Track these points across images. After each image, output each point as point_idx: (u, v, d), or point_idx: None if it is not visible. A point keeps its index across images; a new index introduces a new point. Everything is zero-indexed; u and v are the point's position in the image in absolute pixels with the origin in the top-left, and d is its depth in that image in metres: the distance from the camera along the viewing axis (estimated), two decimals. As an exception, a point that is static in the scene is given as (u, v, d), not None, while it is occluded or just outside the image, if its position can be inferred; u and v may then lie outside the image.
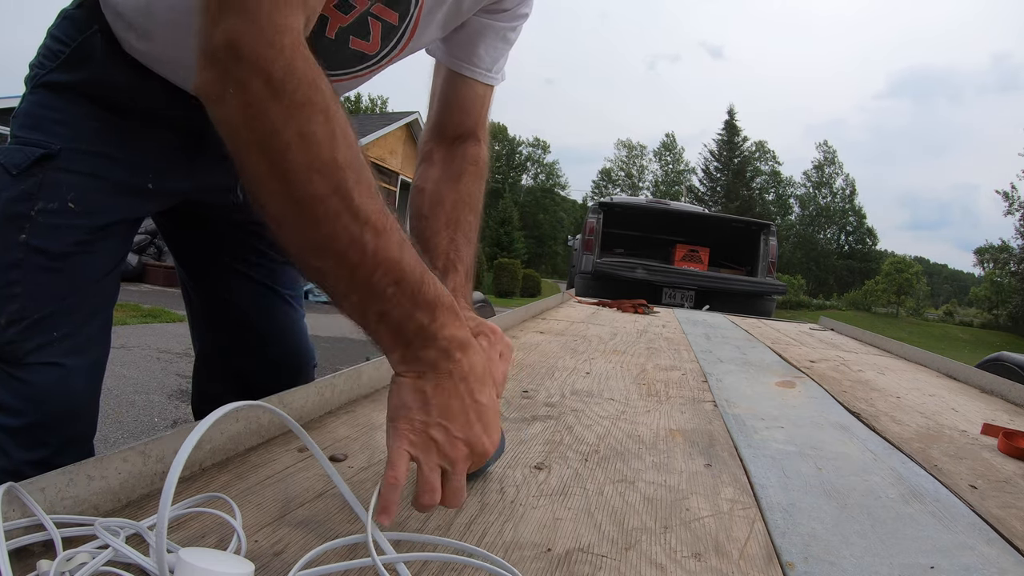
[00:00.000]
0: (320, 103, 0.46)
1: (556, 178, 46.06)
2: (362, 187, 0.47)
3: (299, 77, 0.45)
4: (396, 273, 0.47)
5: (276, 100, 0.44)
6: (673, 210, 6.95)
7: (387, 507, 0.45)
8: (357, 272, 0.47)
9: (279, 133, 0.44)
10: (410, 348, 0.49)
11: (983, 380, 1.59)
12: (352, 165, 0.46)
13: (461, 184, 0.81)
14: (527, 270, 20.13)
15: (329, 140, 0.45)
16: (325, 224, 0.45)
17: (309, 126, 0.45)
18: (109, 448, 0.98)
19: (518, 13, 0.86)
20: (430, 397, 0.49)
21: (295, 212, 0.46)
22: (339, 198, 0.45)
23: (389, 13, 0.73)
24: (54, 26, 0.79)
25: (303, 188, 0.45)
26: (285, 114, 0.44)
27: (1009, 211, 31.13)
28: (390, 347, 0.50)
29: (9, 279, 0.71)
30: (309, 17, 0.52)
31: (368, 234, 0.46)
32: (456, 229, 0.77)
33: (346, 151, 0.46)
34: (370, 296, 0.47)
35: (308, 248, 0.47)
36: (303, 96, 0.45)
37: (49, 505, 0.44)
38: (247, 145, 0.46)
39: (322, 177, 0.45)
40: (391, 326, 0.49)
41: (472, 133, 0.86)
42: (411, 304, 0.48)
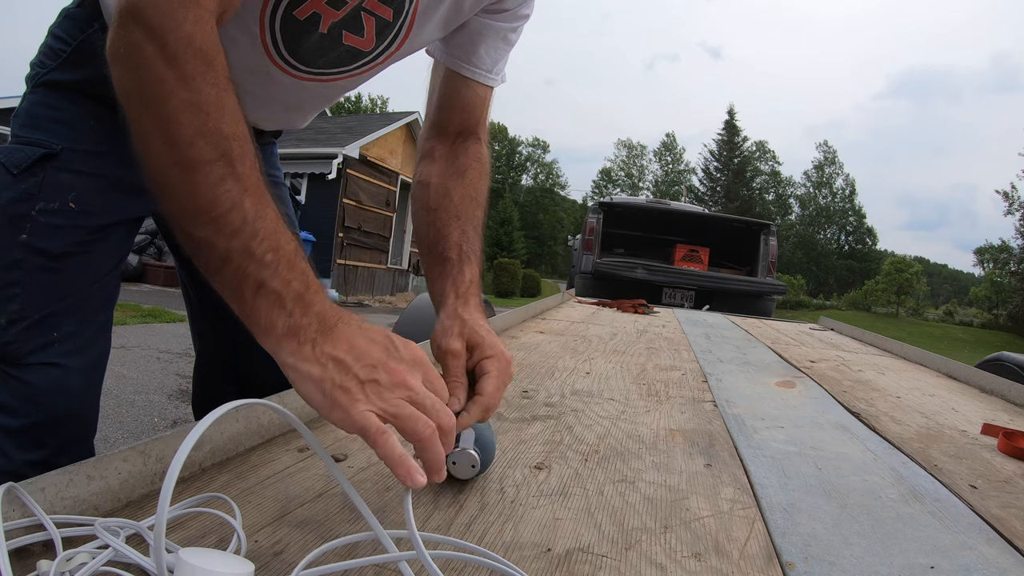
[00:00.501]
0: (211, 78, 0.47)
1: (556, 178, 46.07)
2: (246, 159, 0.48)
3: (195, 50, 0.47)
4: (273, 241, 0.48)
5: (169, 67, 0.46)
6: (673, 210, 6.94)
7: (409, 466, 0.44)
8: (236, 238, 0.47)
9: (169, 98, 0.46)
10: (291, 317, 0.48)
11: (983, 380, 1.59)
12: (238, 138, 0.48)
13: (467, 179, 0.81)
14: (527, 270, 20.14)
15: (217, 111, 0.47)
16: (207, 188, 0.46)
17: (199, 96, 0.46)
18: (109, 448, 0.98)
19: (519, 14, 0.85)
20: (333, 353, 0.47)
21: (179, 175, 0.46)
22: (224, 163, 0.46)
23: (383, 8, 0.73)
24: (55, 25, 0.79)
25: (187, 151, 0.46)
26: (176, 82, 0.46)
27: (1009, 211, 31.16)
28: (269, 322, 0.48)
29: (9, 279, 0.71)
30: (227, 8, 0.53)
31: (248, 201, 0.47)
32: (466, 222, 0.76)
33: (233, 125, 0.48)
34: (248, 263, 0.47)
35: (189, 214, 0.47)
36: (195, 69, 0.46)
37: (49, 505, 0.44)
38: (136, 105, 0.47)
39: (207, 143, 0.46)
40: (269, 296, 0.47)
41: (473, 132, 0.86)
42: (288, 271, 0.48)
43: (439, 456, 0.47)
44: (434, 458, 0.47)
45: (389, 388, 0.47)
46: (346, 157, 11.27)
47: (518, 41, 0.89)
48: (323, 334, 0.48)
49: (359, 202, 12.00)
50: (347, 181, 11.52)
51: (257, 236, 0.47)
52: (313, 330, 0.48)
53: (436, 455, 0.47)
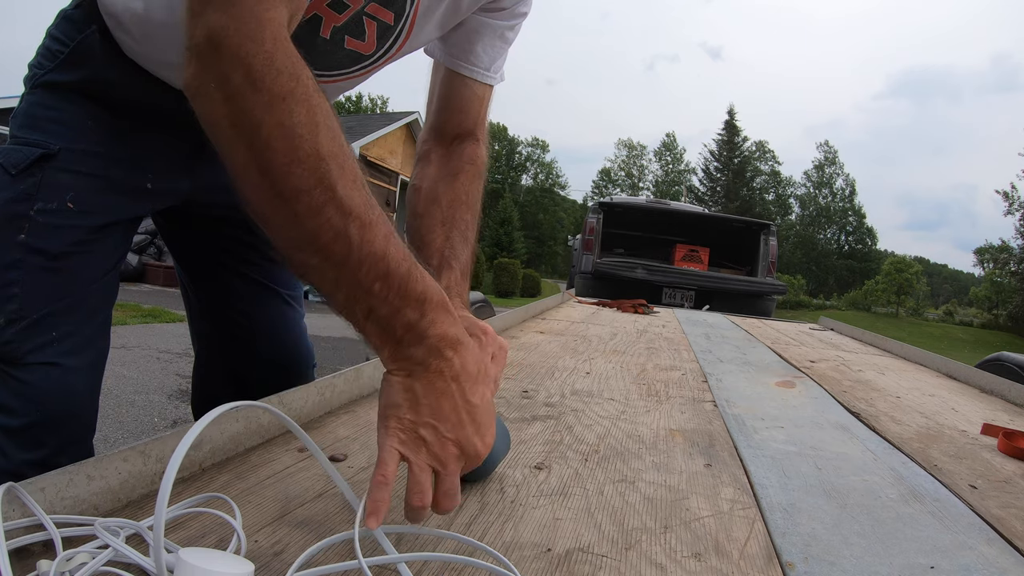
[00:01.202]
0: (301, 95, 0.45)
1: (556, 178, 46.08)
2: (346, 179, 0.46)
3: (278, 69, 0.45)
4: (382, 268, 0.47)
5: (256, 92, 0.44)
6: (673, 210, 6.94)
7: (377, 508, 0.44)
8: (343, 267, 0.46)
9: (259, 126, 0.44)
10: (400, 346, 0.48)
11: (983, 380, 1.59)
12: (336, 157, 0.46)
13: (458, 182, 0.80)
14: (527, 270, 20.14)
15: (311, 131, 0.45)
16: (309, 218, 0.45)
17: (290, 118, 0.44)
18: (109, 448, 0.98)
19: (517, 12, 0.85)
20: (420, 396, 0.48)
21: (279, 206, 0.45)
22: (322, 190, 0.45)
23: (384, 12, 0.73)
24: (53, 26, 0.79)
25: (285, 181, 0.44)
26: (265, 106, 0.44)
27: (1009, 211, 31.16)
28: (379, 344, 0.49)
29: (8, 279, 0.71)
30: (294, 13, 0.52)
31: (353, 227, 0.46)
32: (452, 227, 0.76)
33: (329, 143, 0.46)
34: (357, 292, 0.47)
35: (294, 243, 0.47)
36: (283, 88, 0.45)
37: (49, 505, 0.44)
38: (229, 140, 0.46)
39: (304, 169, 0.44)
40: (379, 323, 0.48)
41: (471, 133, 0.86)
42: (399, 300, 0.47)
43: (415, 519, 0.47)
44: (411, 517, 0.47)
45: (429, 454, 0.47)
46: (346, 157, 11.26)
47: (516, 40, 0.89)
48: (425, 370, 0.48)
49: (359, 202, 11.98)
50: (347, 181, 11.50)
51: (364, 265, 0.46)
52: (415, 362, 0.48)
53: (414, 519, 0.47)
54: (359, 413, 0.81)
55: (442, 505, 0.48)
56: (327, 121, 0.47)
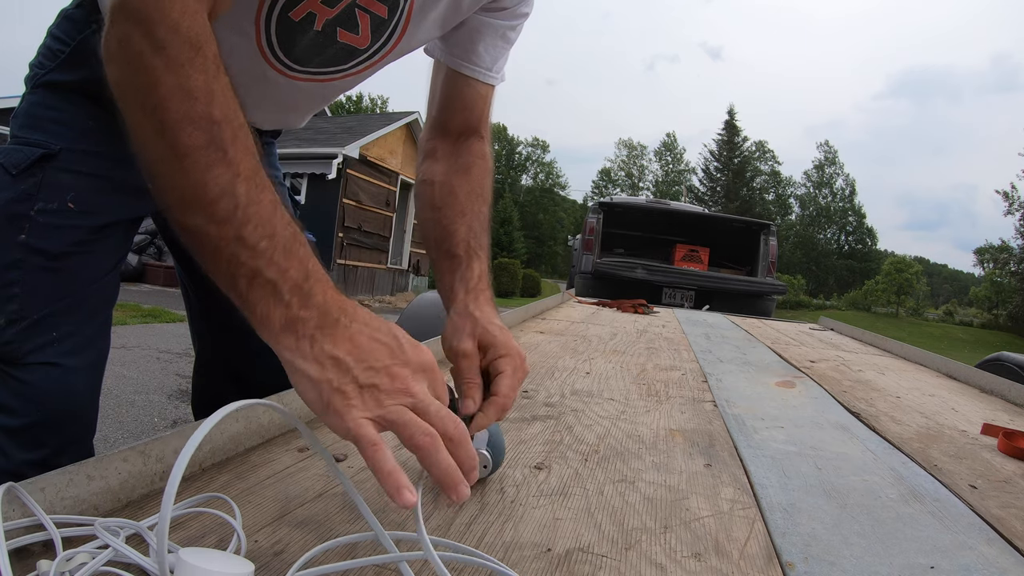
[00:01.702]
0: (199, 64, 0.47)
1: (556, 178, 46.06)
2: (239, 144, 0.47)
3: (183, 36, 0.47)
4: (268, 228, 0.46)
5: (156, 55, 0.46)
6: (673, 210, 6.95)
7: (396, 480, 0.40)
8: (228, 224, 0.45)
9: (157, 86, 0.46)
10: (289, 308, 0.45)
11: (983, 380, 1.59)
12: (229, 122, 0.47)
13: (472, 176, 0.80)
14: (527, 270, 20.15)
15: (206, 96, 0.46)
16: (196, 173, 0.45)
17: (188, 82, 0.46)
18: (109, 448, 0.98)
19: (518, 12, 0.85)
20: (335, 353, 0.44)
21: (169, 163, 0.46)
22: (214, 149, 0.46)
23: (377, 5, 0.73)
24: (54, 26, 0.79)
25: (176, 137, 0.45)
26: (164, 69, 0.46)
27: (1009, 211, 31.16)
28: (266, 313, 0.46)
29: (8, 279, 0.71)
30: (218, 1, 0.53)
31: (240, 186, 0.46)
32: (473, 218, 0.75)
33: (224, 109, 0.47)
34: (241, 252, 0.45)
35: (181, 203, 0.47)
36: (183, 55, 0.46)
37: (49, 505, 0.44)
38: (128, 97, 0.47)
39: (196, 128, 0.46)
40: (264, 286, 0.45)
41: (475, 130, 0.85)
42: (284, 259, 0.46)
43: (444, 465, 0.43)
44: (438, 468, 0.43)
45: (389, 394, 0.44)
46: (346, 157, 11.27)
47: (518, 40, 0.89)
48: (323, 329, 0.45)
49: (359, 202, 11.99)
50: (347, 181, 11.51)
51: (250, 223, 0.46)
52: (312, 324, 0.45)
53: (440, 464, 0.43)
54: (359, 413, 0.81)
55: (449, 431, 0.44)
56: (225, 92, 0.48)
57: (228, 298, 0.48)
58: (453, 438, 0.44)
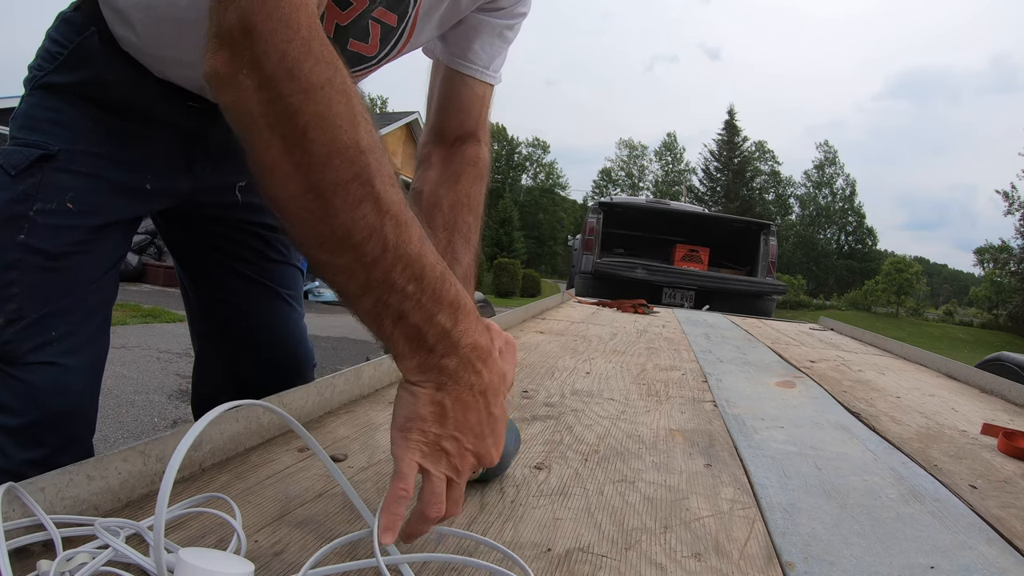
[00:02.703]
0: (339, 84, 0.43)
1: (556, 178, 46.08)
2: (384, 175, 0.44)
3: (316, 56, 0.43)
4: (417, 269, 0.44)
5: (292, 80, 0.41)
6: (673, 210, 6.95)
7: (393, 523, 0.43)
8: (376, 267, 0.43)
9: (296, 114, 0.41)
10: (432, 354, 0.45)
11: (983, 380, 1.59)
12: (374, 151, 0.43)
13: (459, 185, 0.80)
14: (527, 270, 20.15)
15: (350, 122, 0.43)
16: (344, 213, 0.42)
17: (329, 108, 0.42)
18: (109, 448, 0.98)
19: (515, 12, 0.85)
20: (448, 409, 0.45)
21: (312, 200, 0.42)
22: (360, 184, 0.42)
23: (389, 16, 0.73)
24: (52, 28, 0.79)
25: (322, 173, 0.42)
26: (303, 94, 0.42)
27: (1009, 211, 31.17)
28: (407, 353, 0.46)
29: (7, 279, 0.71)
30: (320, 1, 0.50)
31: (389, 225, 0.43)
32: (454, 231, 0.75)
33: (368, 136, 0.43)
34: (388, 295, 0.44)
35: (324, 242, 0.43)
36: (320, 76, 0.42)
37: (49, 505, 0.44)
38: (260, 129, 0.43)
39: (343, 161, 0.42)
40: (410, 330, 0.45)
41: (472, 133, 0.86)
42: (432, 304, 0.45)
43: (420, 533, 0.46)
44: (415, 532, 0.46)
45: (447, 464, 0.45)
46: (346, 157, 11.25)
47: (516, 40, 0.89)
48: (455, 381, 0.46)
49: (359, 202, 11.97)
50: (347, 181, 11.49)
51: (399, 264, 0.43)
52: (447, 374, 0.46)
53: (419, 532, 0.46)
54: (359, 413, 0.81)
55: (453, 511, 0.46)
56: (365, 114, 0.44)
57: (227, 299, 0.47)
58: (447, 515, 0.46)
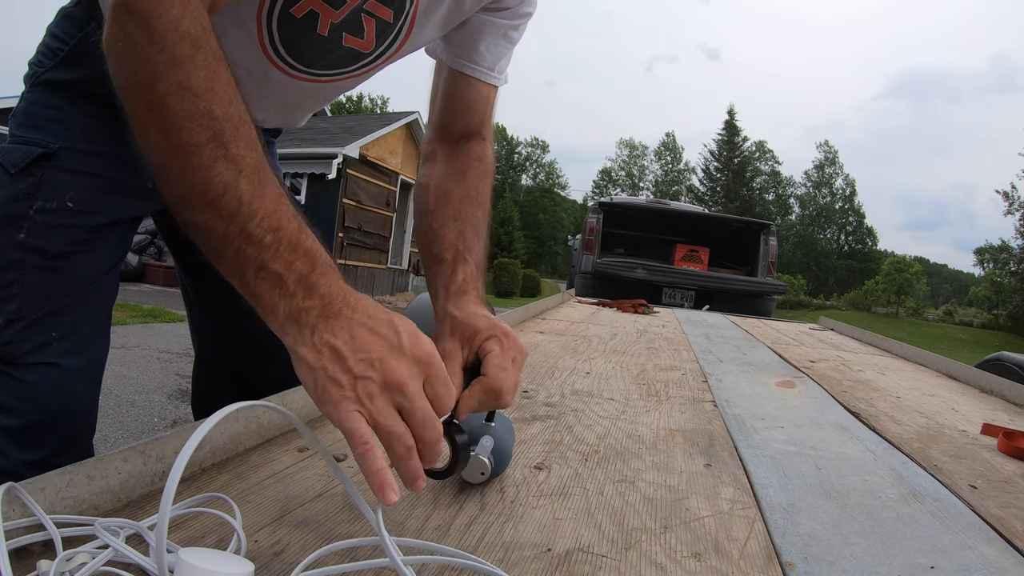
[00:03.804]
0: (200, 60, 0.47)
1: (556, 178, 46.07)
2: (240, 139, 0.47)
3: (183, 33, 0.47)
4: (273, 221, 0.47)
5: (157, 52, 0.46)
6: (673, 210, 6.95)
7: (382, 478, 0.42)
8: (232, 222, 0.46)
9: (157, 81, 0.46)
10: (293, 299, 0.46)
11: (983, 380, 1.59)
12: (231, 118, 0.47)
13: (467, 180, 0.79)
14: (527, 270, 20.16)
15: (207, 92, 0.47)
16: (200, 171, 0.46)
17: (188, 78, 0.46)
18: (109, 448, 0.98)
19: (520, 12, 0.85)
20: (335, 343, 0.45)
21: (173, 160, 0.46)
22: (216, 145, 0.46)
23: (383, 10, 0.73)
24: (53, 24, 0.79)
25: (179, 135, 0.46)
26: (165, 65, 0.46)
27: (1009, 211, 31.17)
28: (272, 304, 0.47)
29: (7, 279, 0.71)
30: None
31: (243, 182, 0.46)
32: (464, 223, 0.74)
33: (225, 105, 0.47)
34: (247, 246, 0.46)
35: (186, 200, 0.47)
36: (183, 52, 0.46)
37: (49, 505, 0.44)
38: (131, 95, 0.48)
39: (198, 125, 0.46)
40: (270, 278, 0.46)
41: (477, 132, 0.85)
42: (290, 252, 0.47)
43: (412, 471, 0.45)
44: (407, 473, 0.45)
45: (381, 389, 0.45)
46: (346, 157, 11.27)
47: (520, 39, 0.88)
48: (325, 319, 0.46)
49: (359, 202, 11.99)
50: (347, 181, 11.51)
51: (255, 217, 0.46)
52: (315, 314, 0.46)
53: (409, 470, 0.45)
54: (359, 413, 0.81)
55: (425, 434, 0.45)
56: (225, 88, 0.48)
57: (227, 299, 0.48)
58: (426, 442, 0.45)
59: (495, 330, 0.59)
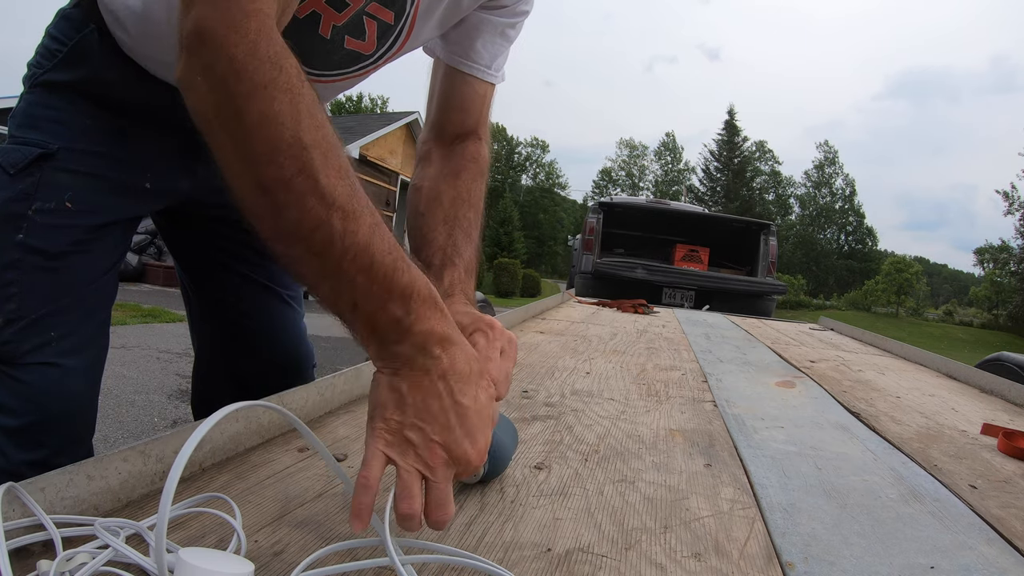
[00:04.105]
0: (283, 83, 0.45)
1: (556, 178, 46.08)
2: (330, 168, 0.46)
3: (261, 58, 0.45)
4: (366, 259, 0.46)
5: (238, 81, 0.44)
6: (673, 210, 6.95)
7: (359, 512, 0.42)
8: (326, 258, 0.45)
9: (241, 114, 0.44)
10: (384, 343, 0.47)
11: (983, 380, 1.59)
12: (318, 145, 0.45)
13: (460, 181, 0.79)
14: (527, 270, 20.16)
15: (293, 120, 0.45)
16: (289, 207, 0.45)
17: (271, 106, 0.44)
18: (109, 448, 0.98)
19: (518, 10, 0.85)
20: (405, 395, 0.46)
21: (261, 196, 0.45)
22: (304, 179, 0.44)
23: (384, 12, 0.73)
24: (52, 25, 0.79)
25: (266, 170, 0.44)
26: (246, 95, 0.44)
27: (1009, 211, 31.17)
28: (365, 340, 0.48)
29: (6, 279, 0.71)
30: (285, 7, 0.52)
31: (335, 217, 0.45)
32: (455, 225, 0.74)
33: (312, 132, 0.46)
34: (340, 284, 0.46)
35: (277, 234, 0.46)
36: (264, 77, 0.45)
37: (49, 505, 0.44)
38: (214, 130, 0.46)
39: (285, 158, 0.44)
40: (364, 317, 0.47)
41: (472, 131, 0.85)
42: (383, 293, 0.46)
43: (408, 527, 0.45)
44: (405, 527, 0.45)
45: (415, 456, 0.45)
46: (346, 157, 11.26)
47: (518, 40, 0.88)
48: (410, 367, 0.47)
49: (359, 202, 11.98)
50: (347, 181, 11.50)
51: (348, 255, 0.45)
52: (401, 362, 0.47)
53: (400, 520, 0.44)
54: (359, 413, 0.81)
55: (432, 516, 0.45)
56: (311, 110, 0.46)
57: (228, 299, 0.48)
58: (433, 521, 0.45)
59: (479, 323, 0.59)
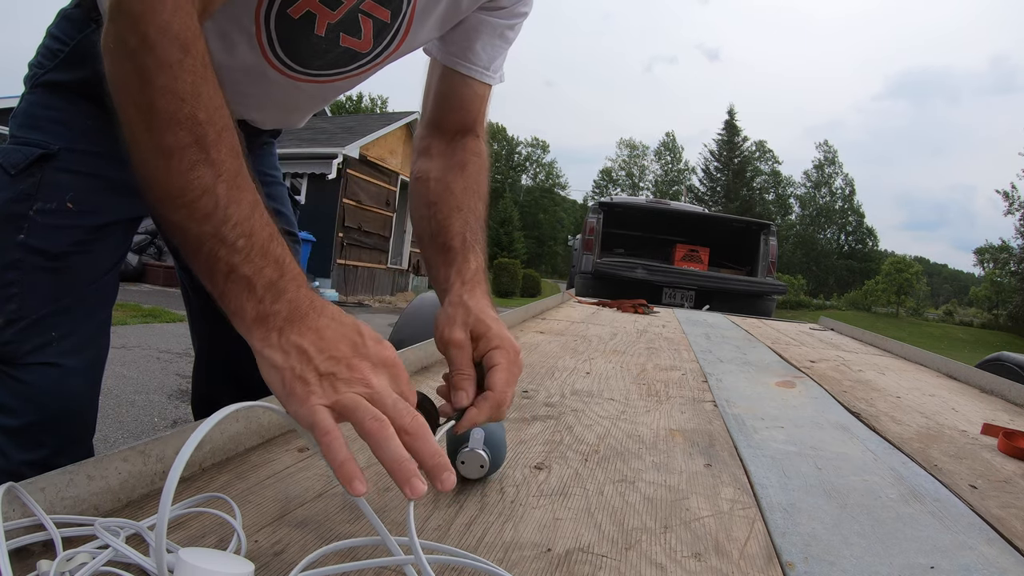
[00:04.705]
0: (188, 65, 0.48)
1: (556, 178, 46.07)
2: (222, 145, 0.48)
3: (172, 37, 0.48)
4: (247, 227, 0.48)
5: (147, 55, 0.47)
6: (673, 210, 6.95)
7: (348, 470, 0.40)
8: (207, 223, 0.47)
9: (147, 85, 0.47)
10: (261, 303, 0.48)
11: (983, 380, 1.59)
12: (213, 124, 0.49)
13: (467, 172, 0.79)
14: (527, 270, 20.16)
15: (193, 98, 0.48)
16: (180, 172, 0.47)
17: (175, 82, 0.47)
18: (109, 448, 0.98)
19: (516, 11, 0.85)
20: (301, 343, 0.46)
21: (155, 161, 0.48)
22: (197, 149, 0.47)
23: (380, 10, 0.73)
24: (53, 25, 0.79)
25: (163, 137, 0.47)
26: (153, 69, 0.47)
27: (1009, 211, 31.18)
28: (240, 306, 0.48)
29: (7, 279, 0.71)
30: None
31: (222, 186, 0.48)
32: (468, 213, 0.74)
33: (209, 112, 0.49)
34: (219, 248, 0.47)
35: (165, 199, 0.48)
36: (172, 57, 0.48)
37: (49, 505, 0.44)
38: (120, 95, 0.49)
39: (182, 128, 0.47)
40: (239, 281, 0.48)
41: (471, 129, 0.85)
42: (260, 257, 0.48)
43: (393, 454, 0.41)
44: (387, 457, 0.42)
45: (347, 383, 0.45)
46: (346, 157, 11.27)
47: (517, 40, 0.88)
48: (291, 322, 0.48)
49: (359, 202, 11.99)
50: (347, 181, 11.51)
51: (229, 222, 0.47)
52: (282, 318, 0.48)
53: (389, 453, 0.41)
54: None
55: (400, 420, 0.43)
56: (212, 93, 0.49)
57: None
58: (409, 431, 0.44)
59: (503, 341, 0.60)
